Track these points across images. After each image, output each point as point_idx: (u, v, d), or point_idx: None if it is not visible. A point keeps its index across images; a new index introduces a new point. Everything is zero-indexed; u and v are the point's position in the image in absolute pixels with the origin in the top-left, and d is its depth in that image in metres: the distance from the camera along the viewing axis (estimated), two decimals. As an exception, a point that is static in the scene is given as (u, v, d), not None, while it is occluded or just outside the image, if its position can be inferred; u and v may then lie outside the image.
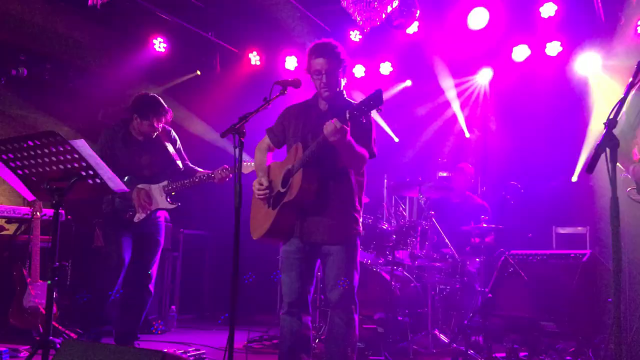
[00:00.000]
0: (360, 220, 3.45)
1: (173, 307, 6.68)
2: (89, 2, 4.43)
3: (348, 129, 3.02)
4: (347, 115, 2.95)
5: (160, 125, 4.54)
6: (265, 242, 3.52)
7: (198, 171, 4.69)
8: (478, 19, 6.50)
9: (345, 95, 3.51)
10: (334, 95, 3.42)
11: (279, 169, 3.47)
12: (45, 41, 6.36)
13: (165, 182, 4.54)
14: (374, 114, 3.32)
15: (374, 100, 2.91)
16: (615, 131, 2.24)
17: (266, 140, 3.68)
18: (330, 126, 3.02)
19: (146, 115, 4.44)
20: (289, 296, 3.38)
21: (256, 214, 3.56)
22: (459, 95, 7.64)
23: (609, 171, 2.21)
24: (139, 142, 4.56)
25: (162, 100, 4.51)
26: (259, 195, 3.48)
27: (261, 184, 3.48)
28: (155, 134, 4.56)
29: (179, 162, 4.67)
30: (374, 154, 3.37)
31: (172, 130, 4.76)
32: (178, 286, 7.11)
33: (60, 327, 4.95)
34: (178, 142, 4.77)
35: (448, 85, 7.47)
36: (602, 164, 2.22)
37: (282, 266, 3.47)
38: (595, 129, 6.44)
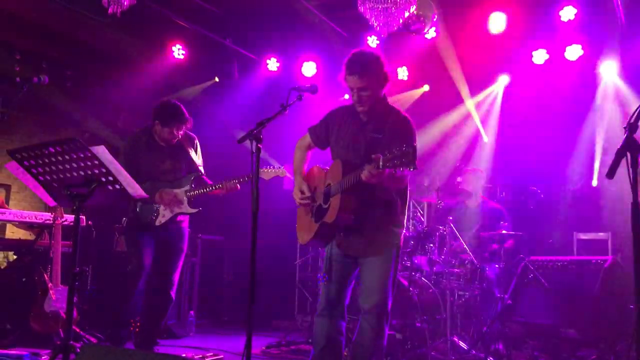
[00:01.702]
0: (402, 230, 3.42)
1: (191, 312, 6.71)
2: (109, 10, 4.48)
3: (384, 170, 2.92)
4: (380, 164, 2.88)
5: (180, 133, 4.58)
6: (310, 247, 3.56)
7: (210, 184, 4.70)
8: (497, 23, 6.46)
9: (386, 102, 3.45)
10: (369, 108, 3.35)
11: (321, 178, 3.46)
12: (67, 49, 6.46)
13: (187, 187, 4.57)
14: None
15: (409, 160, 2.83)
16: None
17: (307, 138, 3.63)
18: (366, 172, 2.98)
19: (167, 122, 4.49)
20: (325, 298, 3.39)
21: (301, 219, 3.59)
22: (477, 99, 7.60)
23: (629, 176, 2.18)
24: (161, 147, 4.61)
25: (184, 109, 4.55)
26: (300, 202, 3.50)
27: (302, 192, 3.49)
28: (176, 140, 4.61)
29: (201, 168, 4.71)
30: (416, 167, 3.31)
31: (196, 139, 4.81)
32: (196, 291, 7.14)
33: (80, 332, 5.00)
34: (199, 150, 4.81)
35: (466, 90, 7.43)
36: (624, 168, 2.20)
37: (323, 268, 3.48)
38: (610, 133, 6.38)
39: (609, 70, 6.58)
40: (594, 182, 6.70)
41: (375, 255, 3.29)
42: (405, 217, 3.48)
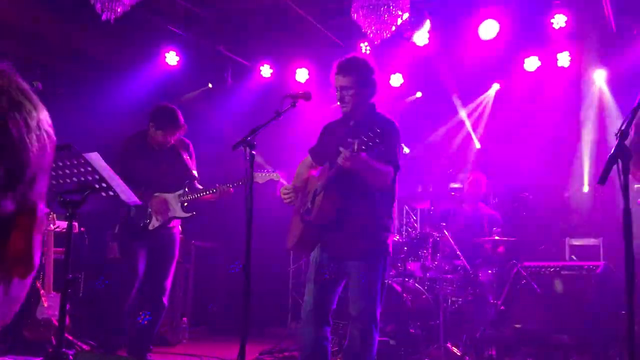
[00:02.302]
0: (390, 235, 3.43)
1: (184, 319, 6.68)
2: (103, 16, 4.49)
3: (362, 154, 2.99)
4: (355, 147, 2.94)
5: (174, 138, 4.58)
6: (295, 252, 3.60)
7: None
8: (488, 30, 6.50)
9: (374, 108, 3.51)
10: (352, 109, 3.42)
11: (313, 184, 3.52)
12: (60, 55, 6.45)
13: (181, 191, 4.57)
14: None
15: (380, 139, 2.92)
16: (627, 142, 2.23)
17: (308, 159, 3.72)
18: (341, 156, 3.03)
19: (161, 125, 4.49)
20: (311, 304, 3.39)
21: (292, 223, 3.62)
22: (470, 106, 7.64)
23: (621, 182, 2.20)
24: (156, 151, 4.60)
25: (180, 114, 4.55)
26: (285, 200, 3.54)
27: (286, 190, 3.54)
28: (171, 144, 4.61)
29: (195, 172, 4.71)
30: (399, 167, 3.36)
31: (191, 144, 4.81)
32: (190, 298, 7.12)
33: (73, 339, 4.97)
34: (193, 156, 4.81)
35: (458, 97, 7.48)
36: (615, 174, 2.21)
37: (308, 275, 3.51)
38: (601, 140, 6.43)
39: (600, 78, 6.63)
40: (585, 188, 6.74)
41: (362, 260, 3.29)
42: (394, 222, 3.49)
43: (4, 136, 0.62)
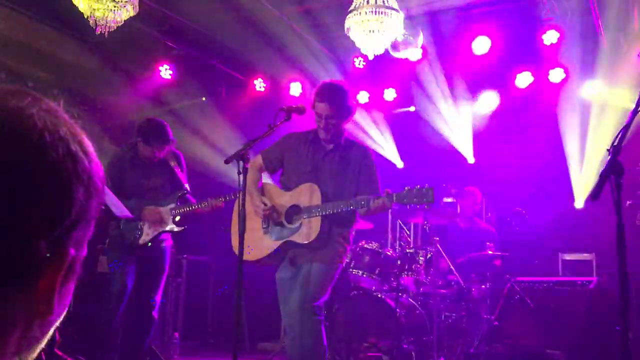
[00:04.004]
0: (348, 246, 3.60)
1: (176, 334, 6.62)
2: (97, 30, 4.48)
3: (395, 203, 3.20)
4: (394, 198, 3.15)
5: (162, 154, 4.53)
6: (259, 265, 3.61)
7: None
8: (481, 47, 6.56)
9: (347, 132, 3.65)
10: (332, 137, 3.54)
11: (279, 196, 3.52)
12: (53, 68, 6.44)
13: (172, 205, 4.53)
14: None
15: (427, 199, 3.18)
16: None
17: (259, 161, 3.72)
18: (380, 202, 3.22)
19: (149, 141, 4.43)
20: (286, 317, 3.47)
21: (249, 234, 3.54)
22: (462, 121, 7.67)
23: (613, 197, 2.20)
24: (146, 164, 4.57)
25: (168, 129, 4.49)
26: (263, 214, 3.52)
27: (265, 204, 3.52)
28: (161, 157, 4.58)
29: (186, 185, 4.67)
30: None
31: (182, 156, 4.78)
32: (181, 313, 7.06)
33: (63, 355, 4.90)
34: (184, 168, 4.78)
35: (451, 111, 7.51)
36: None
37: (279, 291, 3.55)
38: (593, 155, 6.46)
39: (592, 93, 6.68)
40: (579, 205, 6.75)
41: (320, 261, 3.39)
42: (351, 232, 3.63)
43: (50, 185, 0.64)
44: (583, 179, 6.65)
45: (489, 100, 7.40)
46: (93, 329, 4.63)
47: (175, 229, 4.52)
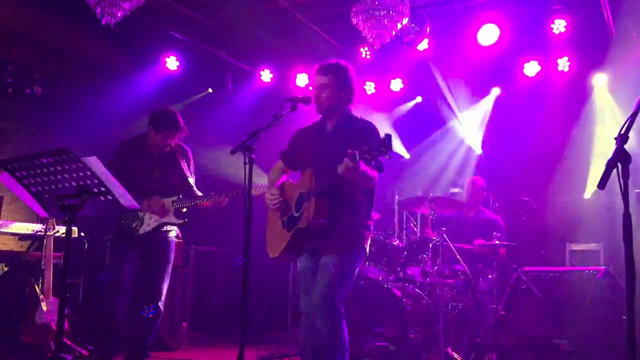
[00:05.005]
0: (368, 233, 3.50)
1: (184, 324, 6.67)
2: (103, 21, 4.49)
3: (360, 164, 3.01)
4: (357, 157, 2.96)
5: (173, 141, 4.57)
6: (281, 260, 3.60)
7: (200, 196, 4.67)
8: (488, 35, 6.51)
9: (350, 113, 3.54)
10: (327, 110, 3.48)
11: (292, 190, 3.53)
12: (59, 60, 6.45)
13: (175, 198, 4.54)
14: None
15: (385, 147, 2.91)
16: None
17: (279, 163, 3.75)
18: (343, 166, 3.04)
19: (161, 128, 4.48)
20: (305, 307, 3.43)
21: (272, 232, 3.62)
22: (470, 111, 7.65)
23: (621, 187, 2.19)
24: (153, 155, 4.59)
25: (180, 117, 4.55)
26: (271, 204, 3.54)
27: (273, 194, 3.54)
28: (169, 148, 4.60)
29: (191, 180, 4.68)
30: (382, 169, 3.38)
31: (189, 151, 4.79)
32: (189, 303, 7.10)
33: (71, 344, 4.95)
34: (192, 162, 4.79)
35: (459, 102, 7.48)
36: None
37: (299, 280, 3.54)
38: (602, 145, 6.43)
39: (600, 82, 6.63)
40: (586, 194, 6.73)
41: (337, 252, 3.33)
42: (371, 219, 3.55)
43: None
44: (591, 169, 6.61)
45: (495, 91, 7.37)
46: (99, 320, 4.64)
47: (176, 222, 4.52)
